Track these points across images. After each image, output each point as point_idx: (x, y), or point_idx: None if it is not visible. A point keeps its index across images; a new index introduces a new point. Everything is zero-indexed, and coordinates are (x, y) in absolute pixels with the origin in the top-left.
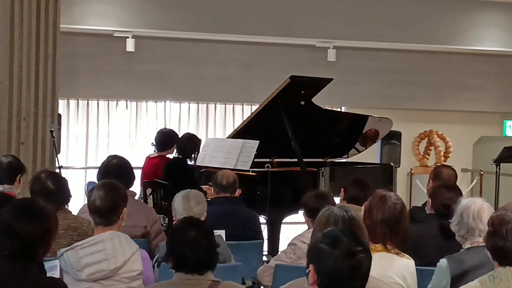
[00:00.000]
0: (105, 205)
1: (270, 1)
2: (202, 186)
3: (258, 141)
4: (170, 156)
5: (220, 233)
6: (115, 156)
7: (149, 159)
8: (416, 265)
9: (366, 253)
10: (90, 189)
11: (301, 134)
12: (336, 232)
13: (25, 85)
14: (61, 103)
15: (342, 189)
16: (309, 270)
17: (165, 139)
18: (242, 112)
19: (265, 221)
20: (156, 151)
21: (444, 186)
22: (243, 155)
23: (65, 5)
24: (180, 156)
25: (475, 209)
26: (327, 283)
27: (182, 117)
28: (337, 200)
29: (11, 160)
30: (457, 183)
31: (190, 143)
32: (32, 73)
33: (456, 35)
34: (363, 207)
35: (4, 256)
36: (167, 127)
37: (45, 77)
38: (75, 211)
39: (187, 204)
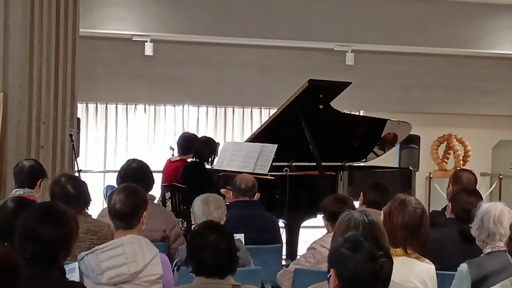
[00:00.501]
0: (125, 209)
1: (288, 5)
2: (220, 190)
3: (276, 145)
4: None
5: (239, 237)
6: (134, 160)
7: (170, 162)
8: (436, 269)
9: (387, 258)
10: (110, 193)
11: (320, 138)
12: (357, 236)
13: (45, 89)
14: (80, 107)
15: (362, 193)
16: (330, 275)
17: (187, 142)
18: (260, 116)
19: (283, 225)
20: (177, 154)
21: (464, 190)
22: (261, 159)
23: (84, 9)
24: (197, 160)
25: (496, 213)
26: (348, 287)
27: (200, 121)
28: (356, 204)
29: (33, 164)
30: (476, 187)
31: (207, 146)
32: (51, 77)
33: (475, 39)
34: (382, 212)
35: (25, 260)
36: (188, 131)
37: (64, 81)
38: (94, 215)
39: (206, 208)
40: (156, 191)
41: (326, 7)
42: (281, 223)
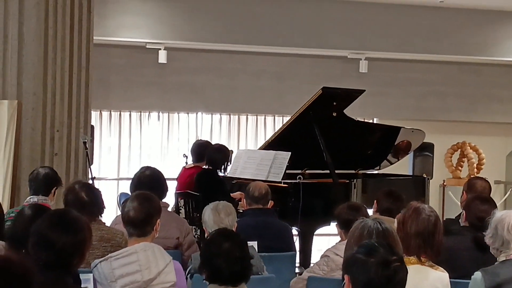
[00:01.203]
0: (139, 216)
1: (302, 12)
2: (234, 194)
3: (290, 153)
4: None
5: (253, 244)
6: (148, 168)
7: (185, 169)
8: (450, 277)
9: (401, 263)
10: (124, 200)
11: (333, 146)
12: (372, 242)
13: (59, 96)
14: (94, 115)
15: (375, 201)
16: (345, 282)
17: (201, 149)
18: (274, 124)
19: (297, 233)
20: (192, 161)
21: (479, 198)
22: (275, 167)
23: (98, 17)
24: (210, 167)
25: (510, 221)
26: None
27: (214, 129)
28: (369, 212)
29: (48, 172)
30: (490, 195)
31: (220, 153)
32: (65, 85)
33: (489, 47)
34: (396, 219)
35: (39, 267)
36: (202, 138)
37: (78, 89)
38: (107, 222)
39: (217, 216)
40: (170, 199)
41: (340, 15)
42: (294, 231)
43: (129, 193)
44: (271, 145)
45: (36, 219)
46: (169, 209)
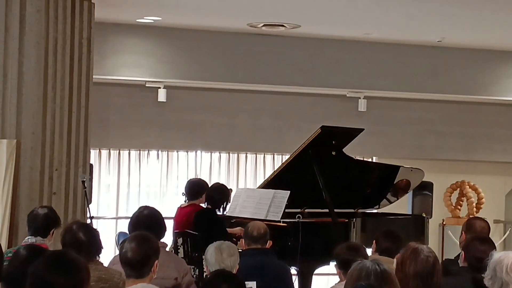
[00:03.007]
0: (136, 257)
1: (301, 52)
2: (234, 229)
3: (289, 192)
4: (202, 204)
5: (252, 285)
6: (146, 207)
7: (180, 209)
8: None
9: None
10: (122, 241)
11: (332, 184)
12: (369, 284)
13: (58, 135)
14: (93, 153)
15: (374, 241)
16: None
17: (195, 188)
18: (273, 162)
19: (296, 272)
20: (186, 200)
21: (477, 238)
22: (274, 206)
23: (98, 56)
24: (209, 206)
25: (508, 263)
26: None
27: (213, 167)
28: (368, 251)
29: (47, 213)
30: (489, 235)
31: (219, 193)
32: (64, 124)
33: (487, 85)
34: (395, 260)
35: None
36: (196, 177)
37: (77, 127)
38: (105, 262)
39: (219, 255)
40: (168, 238)
41: (339, 54)
42: (293, 271)
43: (127, 233)
44: (270, 183)
45: (32, 259)
46: (167, 248)
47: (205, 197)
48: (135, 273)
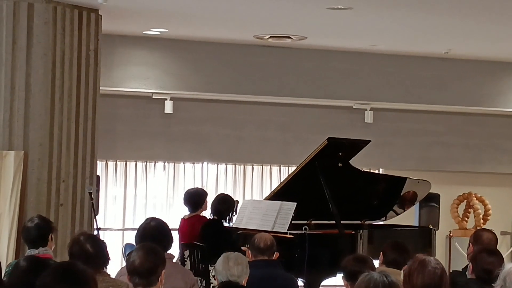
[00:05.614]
0: (144, 264)
1: (307, 63)
2: (241, 248)
3: (295, 203)
4: (204, 213)
5: None
6: (153, 219)
7: (184, 220)
8: None
9: None
10: (128, 253)
11: (339, 196)
12: None
13: (65, 147)
14: (100, 164)
15: (381, 253)
16: None
17: (195, 198)
18: (280, 174)
19: (303, 284)
20: (189, 212)
21: (485, 250)
22: (280, 217)
23: (105, 67)
24: (215, 217)
25: None
26: None
27: (219, 178)
28: (375, 263)
29: (38, 222)
30: (497, 247)
31: (224, 203)
32: (71, 135)
33: (494, 97)
34: (402, 272)
35: None
36: (194, 187)
37: (84, 139)
38: (113, 273)
39: (226, 264)
40: (174, 250)
41: (345, 66)
42: (300, 282)
43: (134, 244)
44: (276, 195)
45: (31, 271)
46: (174, 260)
47: (210, 209)
48: (143, 281)
